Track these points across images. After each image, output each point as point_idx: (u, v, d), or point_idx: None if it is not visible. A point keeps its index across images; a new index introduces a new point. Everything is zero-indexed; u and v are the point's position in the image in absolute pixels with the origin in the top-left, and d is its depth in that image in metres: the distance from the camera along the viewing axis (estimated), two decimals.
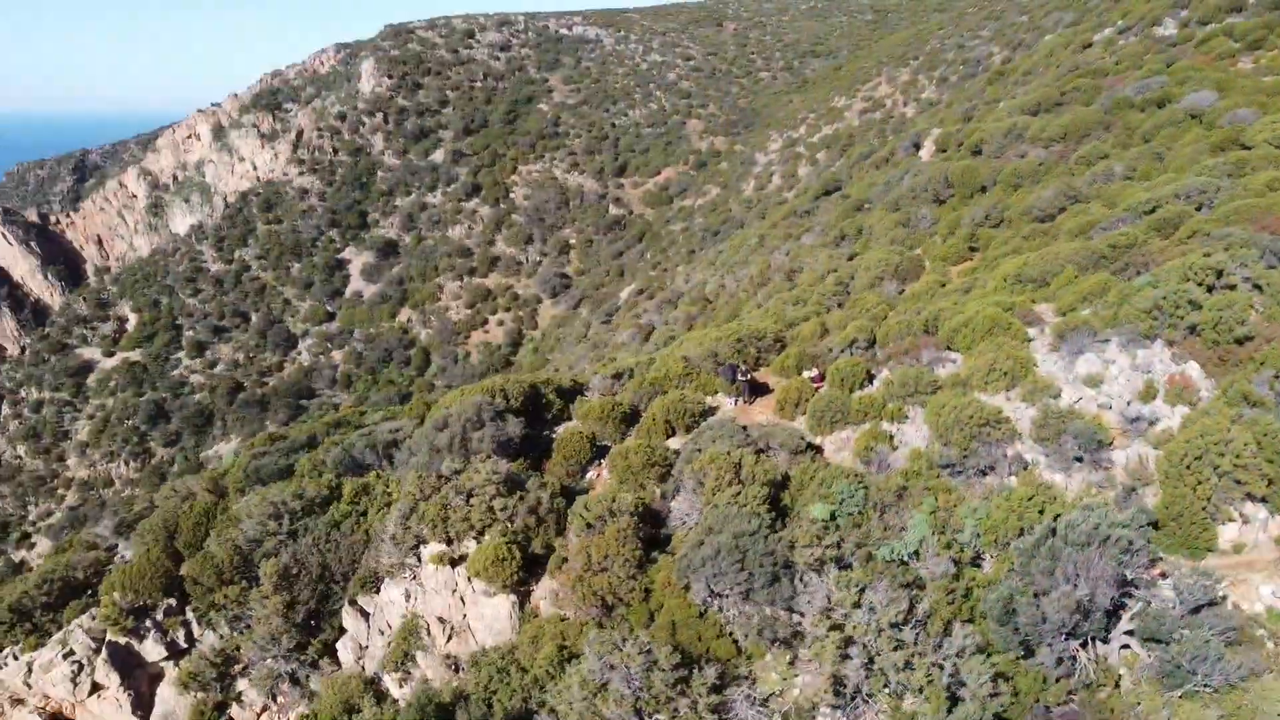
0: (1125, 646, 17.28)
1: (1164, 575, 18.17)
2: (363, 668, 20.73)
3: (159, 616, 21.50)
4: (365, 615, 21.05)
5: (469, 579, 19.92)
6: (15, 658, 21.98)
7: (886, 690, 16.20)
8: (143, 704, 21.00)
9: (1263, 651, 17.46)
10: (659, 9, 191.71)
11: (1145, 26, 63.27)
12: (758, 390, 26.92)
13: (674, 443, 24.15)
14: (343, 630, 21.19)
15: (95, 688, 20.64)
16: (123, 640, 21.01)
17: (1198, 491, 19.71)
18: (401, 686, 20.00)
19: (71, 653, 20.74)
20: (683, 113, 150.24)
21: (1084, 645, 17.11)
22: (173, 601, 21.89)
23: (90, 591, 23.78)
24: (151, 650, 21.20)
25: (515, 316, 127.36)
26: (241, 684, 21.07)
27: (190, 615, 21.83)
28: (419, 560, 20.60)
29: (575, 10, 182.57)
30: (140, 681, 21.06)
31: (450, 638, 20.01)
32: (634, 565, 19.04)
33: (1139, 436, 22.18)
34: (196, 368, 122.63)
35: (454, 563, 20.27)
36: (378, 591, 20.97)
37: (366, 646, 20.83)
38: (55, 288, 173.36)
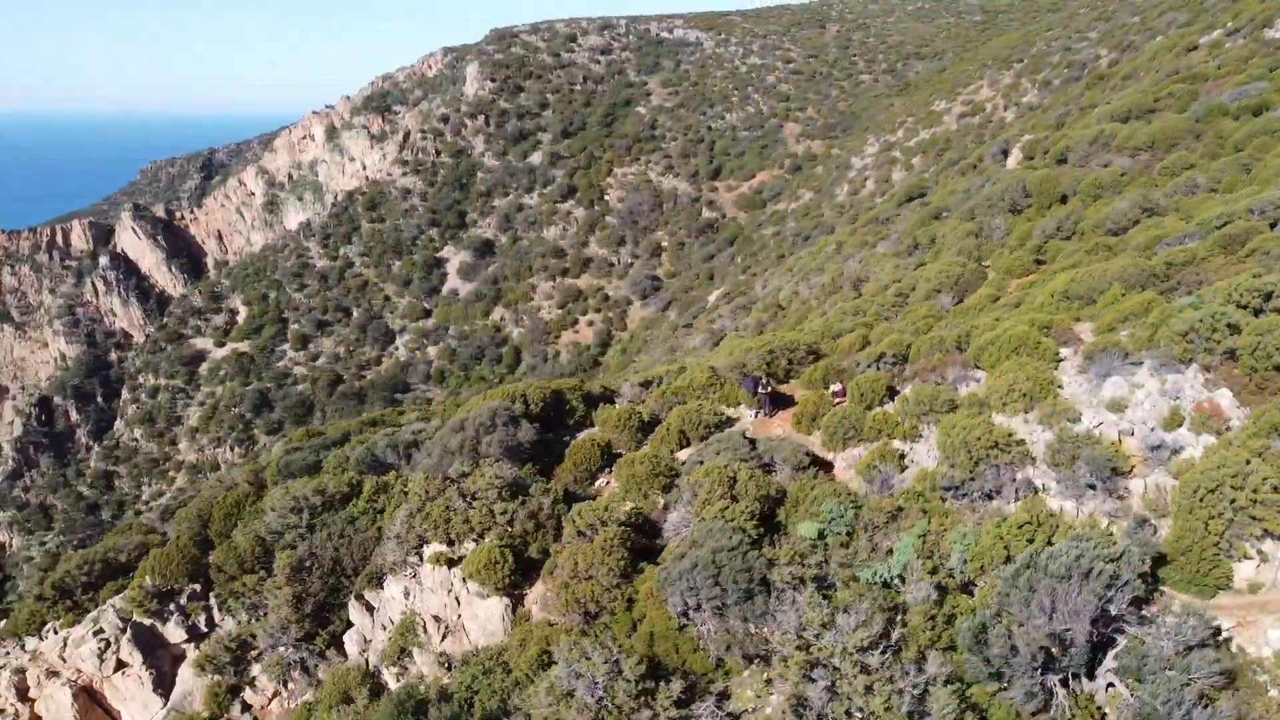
0: (1111, 685, 16.66)
1: (1160, 612, 17.42)
2: (366, 660, 21.47)
3: (183, 601, 22.74)
4: (371, 610, 21.80)
5: (464, 580, 20.43)
6: (55, 632, 23.57)
7: (848, 715, 15.98)
8: (164, 683, 22.24)
9: (1263, 698, 16.61)
10: (761, 11, 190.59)
11: (1255, 29, 59.97)
12: (780, 403, 26.71)
13: (686, 454, 24.21)
14: (350, 623, 22.00)
15: (120, 665, 21.96)
16: (147, 622, 22.30)
17: (1210, 526, 18.79)
18: (398, 680, 20.65)
19: (101, 631, 22.14)
20: (780, 116, 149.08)
21: (1064, 681, 16.55)
22: (197, 587, 23.12)
23: (129, 573, 25.24)
24: (173, 632, 22.43)
25: (605, 318, 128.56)
26: (255, 669, 22.10)
27: (213, 601, 23.01)
28: (420, 559, 21.23)
29: (677, 14, 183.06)
30: (163, 661, 22.32)
31: (445, 636, 20.56)
32: (618, 574, 19.23)
33: (1160, 465, 21.27)
34: (300, 360, 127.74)
35: (451, 563, 20.81)
36: (381, 587, 21.69)
37: (370, 640, 21.57)
38: (178, 280, 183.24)
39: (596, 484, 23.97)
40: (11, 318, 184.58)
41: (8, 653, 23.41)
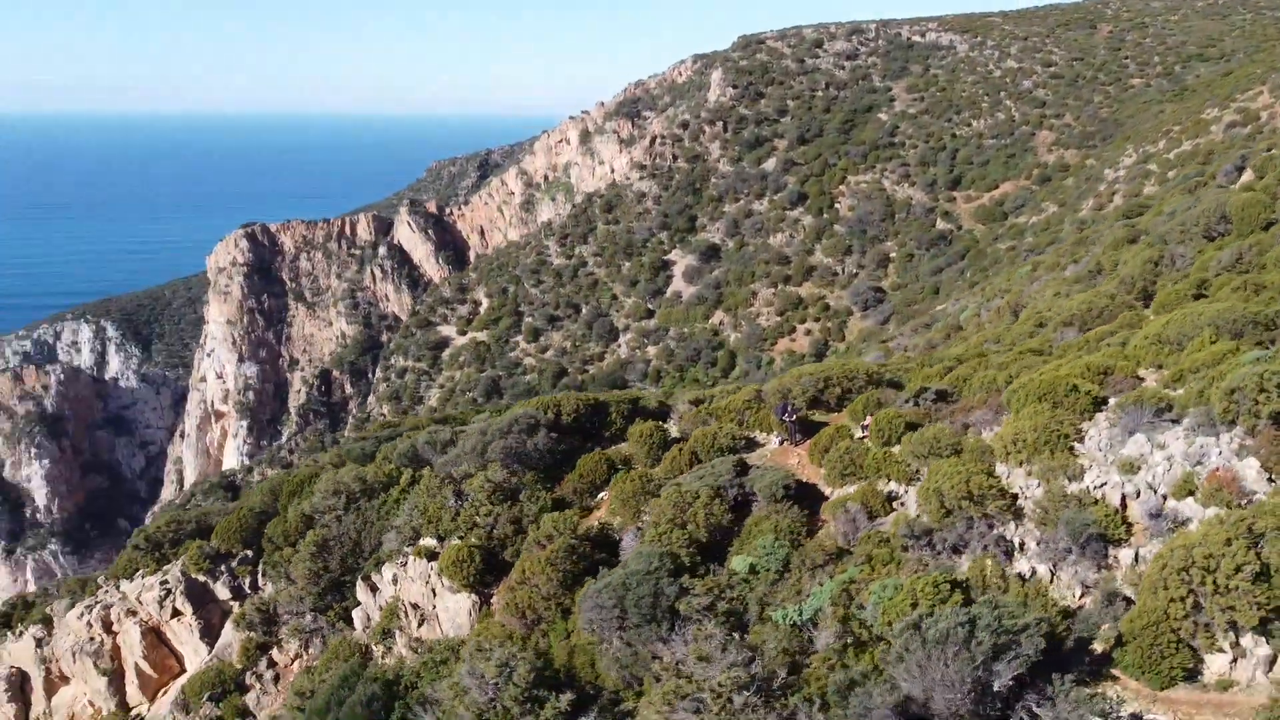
0: None
1: (1073, 699, 15.97)
2: (367, 636, 23.62)
3: (234, 564, 26.00)
4: (374, 591, 23.92)
5: (439, 574, 22.02)
6: (141, 578, 27.62)
7: None
8: (211, 633, 25.57)
9: None
10: (1026, 11, 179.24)
11: None
12: (810, 431, 26.20)
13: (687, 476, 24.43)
14: (358, 601, 24.24)
15: (176, 613, 25.49)
16: (201, 578, 25.70)
17: (1170, 610, 17.05)
18: (383, 659, 22.61)
19: (166, 581, 25.78)
20: (1033, 123, 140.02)
21: None
22: (249, 553, 26.31)
23: (208, 534, 29.03)
24: (221, 591, 25.70)
25: (824, 327, 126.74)
26: (283, 631, 24.88)
27: (261, 567, 26.10)
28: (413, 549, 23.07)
29: (931, 16, 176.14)
30: (212, 614, 25.64)
31: (422, 623, 22.25)
32: (557, 585, 20.03)
33: (1158, 536, 19.34)
34: (530, 351, 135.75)
35: (432, 557, 22.46)
36: (382, 572, 23.75)
37: (371, 618, 23.69)
38: (443, 270, 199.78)
39: (598, 497, 24.77)
40: (305, 298, 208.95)
41: (106, 591, 27.83)
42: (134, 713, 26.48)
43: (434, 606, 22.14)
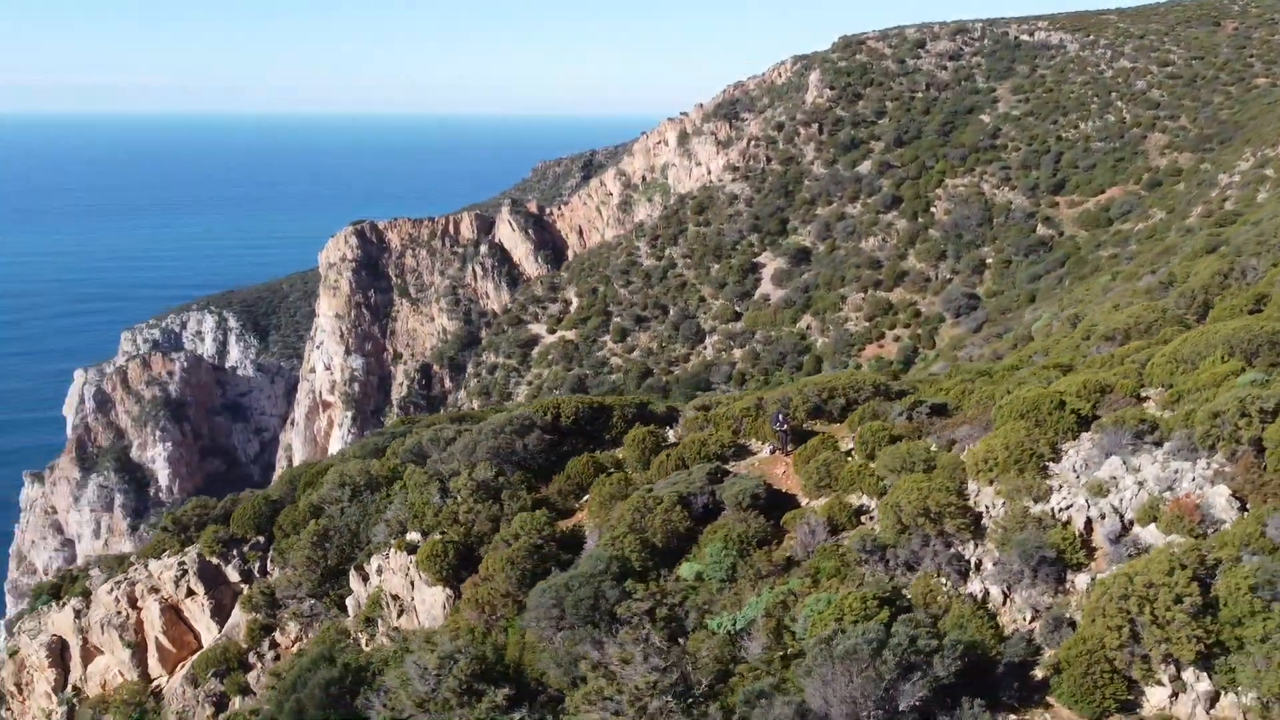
0: None
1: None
2: (354, 623, 24.67)
3: (245, 549, 27.44)
4: (365, 580, 24.95)
5: (416, 567, 22.87)
6: (167, 558, 29.40)
7: None
8: (222, 613, 27.06)
9: None
10: (1143, 9, 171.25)
11: None
12: (803, 440, 26.05)
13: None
14: (351, 589, 25.32)
15: (190, 592, 27.07)
16: (214, 561, 27.22)
17: (1106, 639, 16.61)
18: (367, 645, 23.60)
19: (183, 562, 27.41)
20: (1145, 125, 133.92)
21: None
22: (261, 539, 27.72)
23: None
24: (231, 573, 27.17)
25: (913, 334, 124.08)
26: (285, 615, 26.18)
27: (271, 553, 27.48)
28: None
29: (1042, 14, 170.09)
30: (223, 595, 27.14)
31: (401, 614, 23.15)
32: (515, 583, 20.58)
33: (1117, 561, 18.80)
34: (617, 351, 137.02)
35: (413, 550, 23.33)
36: (371, 563, 24.75)
37: (361, 606, 24.73)
38: (542, 269, 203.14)
39: (584, 499, 25.23)
40: (409, 294, 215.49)
41: (135, 569, 29.73)
42: (155, 684, 28.36)
43: (412, 598, 23.00)
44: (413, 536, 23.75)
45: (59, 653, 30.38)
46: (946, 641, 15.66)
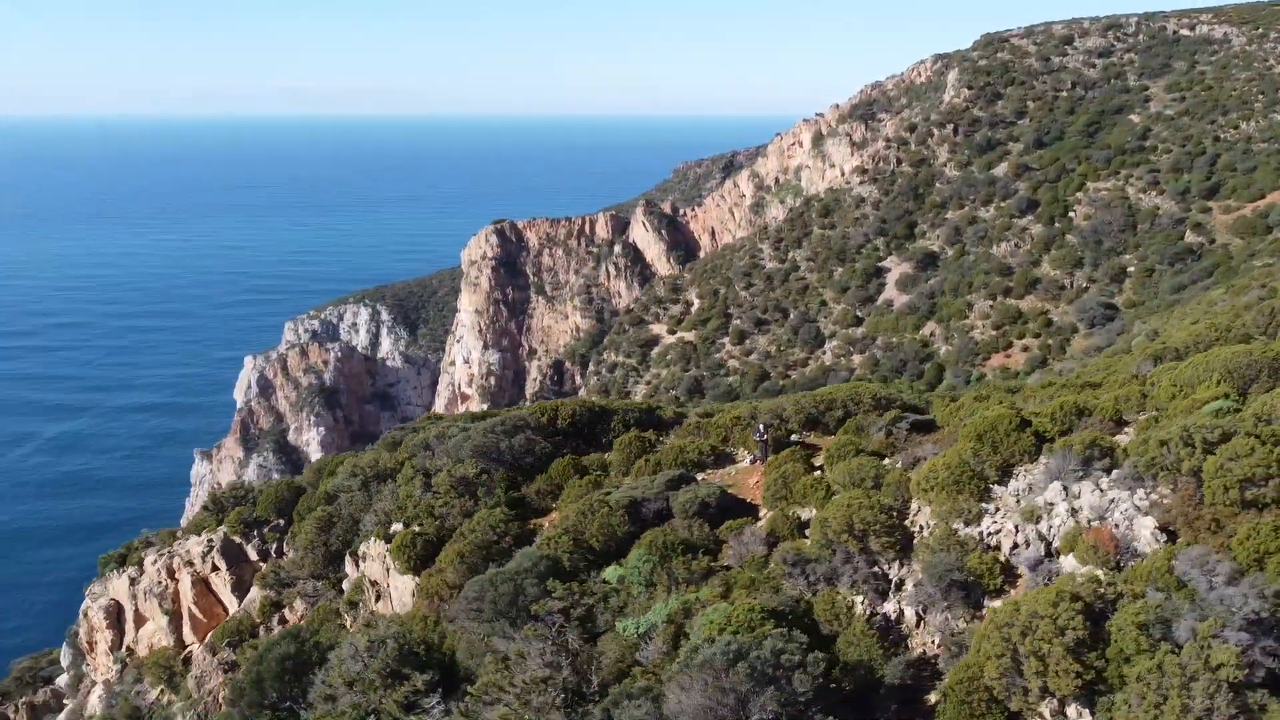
0: None
1: None
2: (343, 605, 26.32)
3: (265, 530, 29.55)
4: (358, 565, 26.55)
5: (389, 555, 24.25)
6: (205, 535, 31.92)
7: None
8: (243, 588, 29.24)
9: None
10: None
11: None
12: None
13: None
14: (348, 573, 26.99)
15: (215, 568, 29.35)
16: (237, 540, 29.41)
17: (987, 668, 16.36)
18: (350, 626, 25.17)
19: (212, 540, 29.76)
20: None
21: None
22: (281, 522, 29.77)
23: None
24: (251, 552, 29.31)
25: (1043, 344, 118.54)
26: (292, 593, 28.11)
27: (288, 535, 29.51)
28: None
29: (1205, 7, 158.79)
30: (244, 572, 29.32)
31: (378, 599, 24.60)
32: (462, 575, 21.60)
33: (1034, 589, 18.31)
34: (735, 353, 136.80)
35: (391, 540, 24.73)
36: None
37: (349, 589, 26.35)
38: (674, 270, 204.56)
39: (560, 499, 26.03)
40: (545, 292, 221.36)
41: (179, 544, 32.41)
42: (188, 650, 31.04)
43: (388, 585, 24.39)
44: (396, 527, 25.18)
45: (115, 616, 33.63)
46: (809, 659, 15.69)
